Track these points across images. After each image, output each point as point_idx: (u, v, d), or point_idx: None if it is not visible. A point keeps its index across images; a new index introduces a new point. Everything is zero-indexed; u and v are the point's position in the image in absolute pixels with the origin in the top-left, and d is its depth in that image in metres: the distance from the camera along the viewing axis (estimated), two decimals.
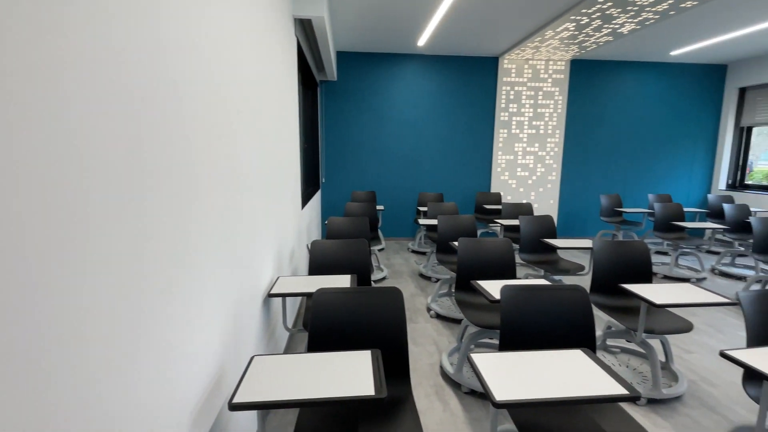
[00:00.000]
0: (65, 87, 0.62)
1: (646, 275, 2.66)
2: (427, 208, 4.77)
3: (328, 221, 3.39)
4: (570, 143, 6.18)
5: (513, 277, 2.73)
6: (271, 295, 1.95)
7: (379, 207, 5.30)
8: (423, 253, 5.51)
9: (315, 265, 2.57)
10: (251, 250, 1.78)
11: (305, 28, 3.94)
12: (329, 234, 3.35)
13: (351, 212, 4.49)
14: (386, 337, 1.65)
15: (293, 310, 3.12)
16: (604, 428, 1.39)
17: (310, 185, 5.15)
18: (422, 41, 5.07)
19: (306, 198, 4.21)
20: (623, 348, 2.79)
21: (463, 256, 2.72)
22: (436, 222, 4.13)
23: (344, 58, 5.74)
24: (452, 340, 2.95)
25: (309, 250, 2.67)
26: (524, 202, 5.78)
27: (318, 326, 1.63)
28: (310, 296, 1.93)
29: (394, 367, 1.64)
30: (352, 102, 5.85)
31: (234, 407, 1.05)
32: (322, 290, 1.68)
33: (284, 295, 1.95)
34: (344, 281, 2.14)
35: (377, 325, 1.66)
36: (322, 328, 1.63)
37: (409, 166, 6.07)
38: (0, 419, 0.50)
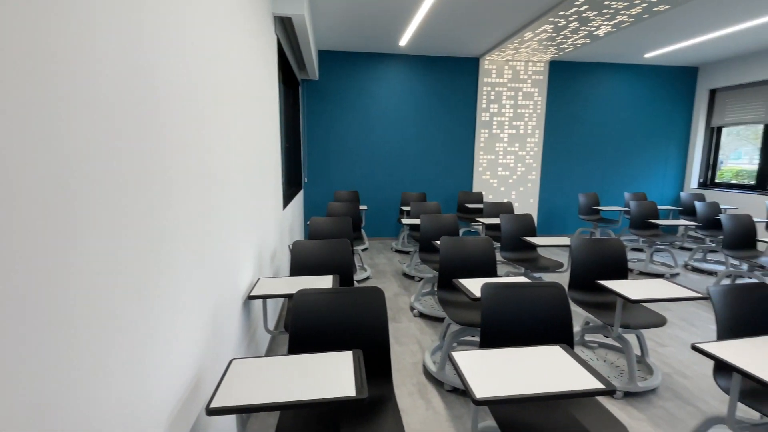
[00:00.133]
0: (37, 86, 0.59)
1: (622, 271, 2.73)
2: (410, 208, 4.79)
3: (310, 221, 3.36)
4: (549, 143, 6.30)
5: (494, 275, 2.76)
6: (251, 297, 1.92)
7: (363, 207, 5.29)
8: (406, 253, 5.52)
9: (297, 265, 2.54)
10: (230, 252, 1.75)
11: (285, 26, 3.90)
12: (312, 234, 3.32)
13: (334, 212, 4.47)
14: (368, 337, 1.64)
15: (275, 312, 3.08)
16: (581, 422, 1.42)
17: (292, 185, 5.10)
18: (404, 41, 5.08)
19: (288, 198, 4.17)
20: (601, 343, 2.85)
21: (445, 254, 2.74)
22: (419, 221, 4.15)
23: (326, 56, 5.70)
24: (435, 339, 2.96)
25: (290, 250, 2.64)
26: (505, 201, 5.85)
27: (299, 328, 1.61)
28: (291, 297, 1.91)
29: (376, 367, 1.64)
30: (334, 101, 5.81)
31: (211, 412, 1.03)
32: (302, 291, 1.66)
33: (264, 296, 1.92)
34: (326, 282, 2.12)
35: (359, 326, 1.65)
36: (303, 329, 1.62)
37: (392, 166, 6.07)
38: None
